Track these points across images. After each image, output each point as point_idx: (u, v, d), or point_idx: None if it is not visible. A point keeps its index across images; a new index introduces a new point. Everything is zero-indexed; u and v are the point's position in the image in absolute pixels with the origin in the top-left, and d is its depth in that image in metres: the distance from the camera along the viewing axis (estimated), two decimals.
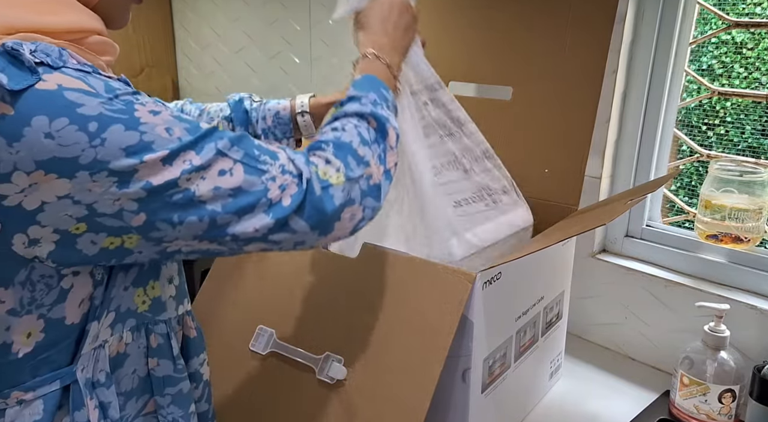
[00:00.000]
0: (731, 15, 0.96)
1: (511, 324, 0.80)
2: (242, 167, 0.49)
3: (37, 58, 0.43)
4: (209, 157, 0.48)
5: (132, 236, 0.47)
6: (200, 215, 0.47)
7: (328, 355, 0.73)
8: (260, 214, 0.49)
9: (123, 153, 0.44)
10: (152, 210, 0.46)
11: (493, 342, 0.76)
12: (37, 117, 0.42)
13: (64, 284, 0.50)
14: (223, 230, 0.49)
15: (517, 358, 0.83)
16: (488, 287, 0.71)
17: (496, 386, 0.78)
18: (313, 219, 0.51)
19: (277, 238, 0.51)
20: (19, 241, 0.45)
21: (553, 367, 0.97)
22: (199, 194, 0.47)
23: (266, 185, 0.49)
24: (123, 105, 0.45)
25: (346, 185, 0.53)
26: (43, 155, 0.42)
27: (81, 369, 0.52)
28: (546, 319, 0.90)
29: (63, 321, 0.51)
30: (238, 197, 0.48)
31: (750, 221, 0.92)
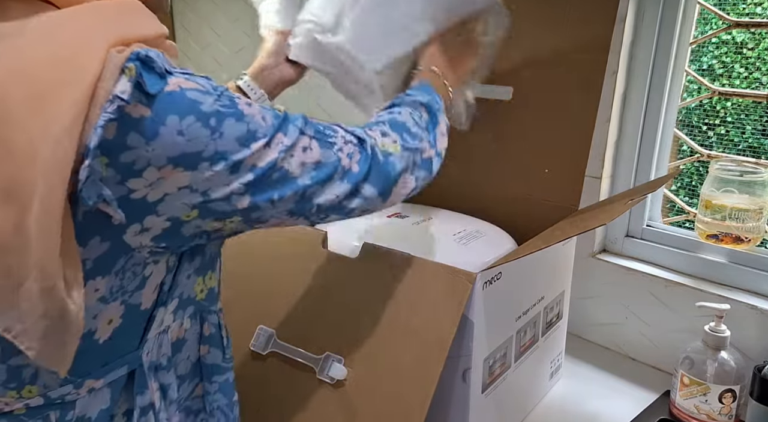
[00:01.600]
0: (732, 15, 0.96)
1: (512, 323, 0.80)
2: (317, 143, 0.54)
3: (163, 65, 0.47)
4: (294, 137, 0.53)
5: (234, 219, 0.52)
6: (294, 189, 0.52)
7: (329, 355, 0.73)
8: (338, 182, 0.55)
9: (237, 143, 0.49)
10: (257, 191, 0.50)
11: (493, 341, 0.76)
12: (171, 116, 0.46)
13: (146, 271, 0.52)
14: (310, 201, 0.54)
15: (517, 358, 0.83)
16: (488, 287, 0.71)
17: (496, 386, 0.78)
18: (379, 185, 0.58)
19: (352, 204, 0.57)
20: (132, 231, 0.48)
21: (553, 367, 0.96)
22: (291, 170, 0.52)
23: (338, 155, 0.55)
24: (228, 100, 0.50)
25: (404, 154, 0.60)
26: (175, 152, 0.46)
27: (146, 353, 0.55)
28: (546, 319, 0.90)
29: (138, 307, 0.53)
30: (319, 169, 0.54)
31: (750, 221, 0.92)
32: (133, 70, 0.45)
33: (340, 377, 0.72)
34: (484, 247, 0.85)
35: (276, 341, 0.78)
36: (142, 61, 0.46)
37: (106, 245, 0.48)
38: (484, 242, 0.86)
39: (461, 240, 0.85)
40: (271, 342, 0.78)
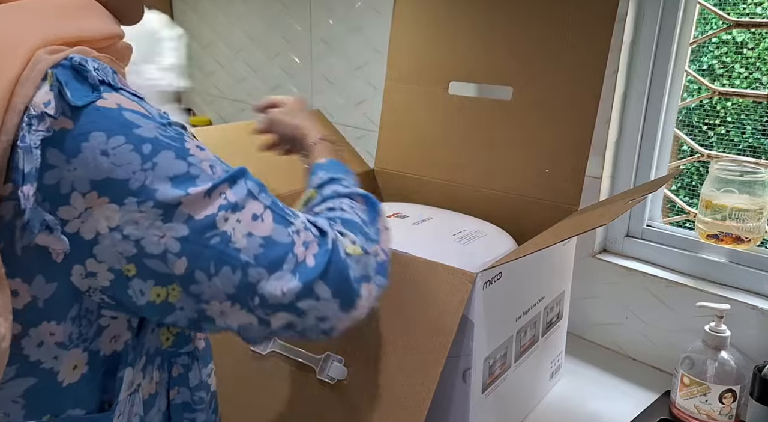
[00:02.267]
0: (732, 15, 0.96)
1: (512, 323, 0.80)
2: (271, 215, 0.48)
3: (100, 76, 0.43)
4: (242, 195, 0.47)
5: (175, 287, 0.46)
6: (233, 265, 0.46)
7: (329, 355, 0.73)
8: (288, 275, 0.47)
9: (169, 183, 0.44)
10: (193, 254, 0.45)
11: (493, 342, 0.76)
12: (96, 133, 0.42)
13: (102, 322, 0.49)
14: (253, 289, 0.47)
15: (517, 358, 0.83)
16: (489, 287, 0.71)
17: (496, 386, 0.78)
18: (335, 285, 0.50)
19: (303, 306, 0.49)
20: (77, 272, 0.45)
21: (553, 367, 0.96)
22: (234, 239, 0.46)
23: (292, 238, 0.48)
24: (175, 134, 0.46)
25: (362, 258, 0.53)
26: (98, 175, 0.42)
27: (117, 416, 0.51)
28: (546, 319, 0.90)
29: (99, 354, 0.50)
30: (268, 248, 0.47)
31: (750, 221, 0.92)
32: (52, 77, 0.41)
33: (341, 377, 0.71)
34: (484, 247, 0.85)
35: (276, 341, 0.78)
36: (75, 68, 0.43)
37: (53, 286, 0.45)
38: (484, 242, 0.86)
39: (461, 240, 0.85)
40: (271, 342, 0.78)
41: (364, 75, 1.44)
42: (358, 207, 0.59)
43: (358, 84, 1.46)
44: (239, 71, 1.82)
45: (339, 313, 0.51)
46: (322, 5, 1.50)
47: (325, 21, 1.51)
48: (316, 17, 1.53)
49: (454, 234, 0.87)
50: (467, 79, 1.02)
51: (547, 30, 0.93)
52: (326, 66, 1.54)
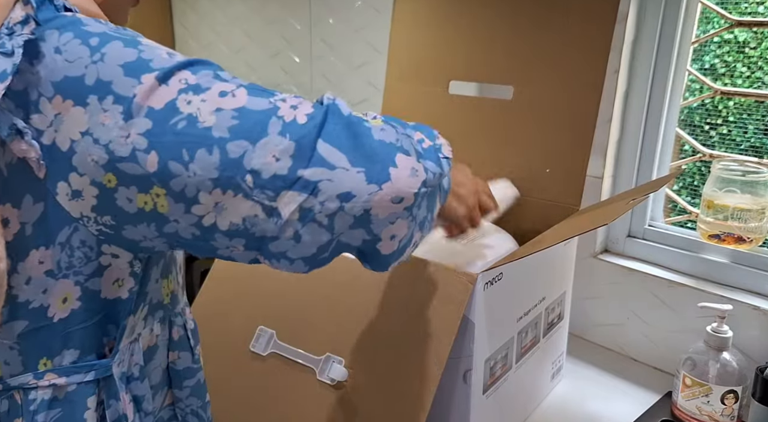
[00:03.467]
0: (734, 14, 0.96)
1: (513, 324, 0.79)
2: (245, 91, 0.44)
3: (68, 6, 0.46)
4: (206, 79, 0.44)
5: (158, 192, 0.43)
6: (207, 144, 0.41)
7: (329, 356, 0.73)
8: (276, 137, 0.41)
9: (122, 71, 0.43)
10: (161, 145, 0.42)
11: (494, 343, 0.75)
12: (50, 31, 0.44)
13: (102, 260, 0.48)
14: (239, 165, 0.41)
15: (518, 359, 0.83)
16: (489, 288, 0.71)
17: (497, 387, 0.78)
18: (348, 147, 0.42)
19: (310, 175, 0.41)
20: (63, 191, 0.44)
21: (554, 368, 0.96)
22: (201, 119, 0.42)
23: (275, 104, 0.43)
24: (129, 33, 0.46)
25: (387, 128, 0.45)
26: (56, 75, 0.43)
27: (117, 364, 0.52)
28: (548, 320, 0.89)
29: (99, 294, 0.49)
30: (243, 117, 0.42)
31: (753, 221, 0.92)
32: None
33: (341, 378, 0.71)
34: (485, 247, 0.85)
35: (276, 341, 0.77)
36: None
37: (40, 206, 0.45)
38: (484, 243, 0.86)
39: (461, 241, 0.85)
40: (272, 342, 0.77)
41: (364, 75, 1.44)
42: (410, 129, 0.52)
43: (358, 84, 1.46)
44: (239, 71, 1.82)
45: (367, 187, 0.42)
46: (322, 5, 1.50)
47: (325, 20, 1.50)
48: (316, 17, 1.52)
49: None
50: (467, 78, 1.02)
51: (548, 29, 0.93)
52: (326, 66, 1.53)
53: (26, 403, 0.48)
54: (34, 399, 0.49)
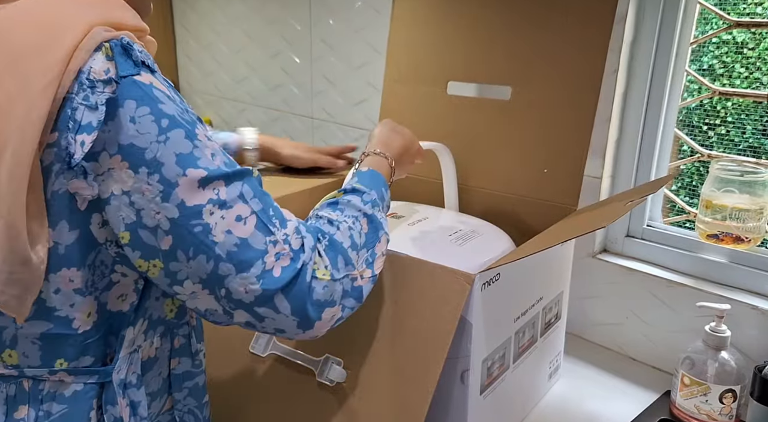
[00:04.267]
0: (732, 15, 0.96)
1: (510, 324, 0.80)
2: (255, 220, 0.53)
3: (142, 58, 0.50)
4: (233, 196, 0.52)
5: (157, 263, 0.52)
6: (208, 254, 0.51)
7: (328, 357, 0.73)
8: (253, 278, 0.52)
9: (174, 159, 0.49)
10: (178, 235, 0.50)
11: (491, 343, 0.75)
12: (128, 100, 0.48)
13: (113, 277, 0.55)
14: (221, 281, 0.52)
15: (516, 359, 0.83)
16: (487, 289, 0.71)
17: (494, 387, 0.78)
18: (296, 303, 0.54)
19: (262, 312, 0.53)
20: (96, 221, 0.51)
21: (552, 368, 0.96)
22: (214, 232, 0.51)
23: (267, 247, 0.53)
24: (190, 119, 0.52)
25: (330, 285, 0.56)
26: (125, 140, 0.48)
27: (117, 371, 0.57)
28: (545, 320, 0.90)
29: (106, 306, 0.55)
30: (241, 248, 0.52)
31: (751, 221, 0.92)
32: (108, 50, 0.48)
33: (340, 379, 0.71)
34: (481, 247, 0.85)
35: (275, 343, 0.77)
36: (123, 46, 0.49)
37: (75, 233, 0.51)
38: (480, 242, 0.86)
39: (457, 240, 0.85)
40: (271, 344, 0.78)
41: (364, 75, 1.44)
42: (359, 228, 0.63)
43: (358, 84, 1.46)
44: (239, 71, 1.82)
45: (296, 329, 0.55)
46: (322, 5, 1.50)
47: (325, 21, 1.51)
48: (316, 17, 1.53)
49: (450, 234, 0.87)
50: (466, 79, 1.02)
51: (546, 29, 0.93)
52: (326, 66, 1.54)
53: (34, 392, 0.54)
54: (42, 389, 0.54)
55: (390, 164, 0.76)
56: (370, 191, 0.67)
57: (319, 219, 0.62)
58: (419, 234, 0.88)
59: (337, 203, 0.64)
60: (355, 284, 0.60)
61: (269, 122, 1.77)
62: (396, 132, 0.82)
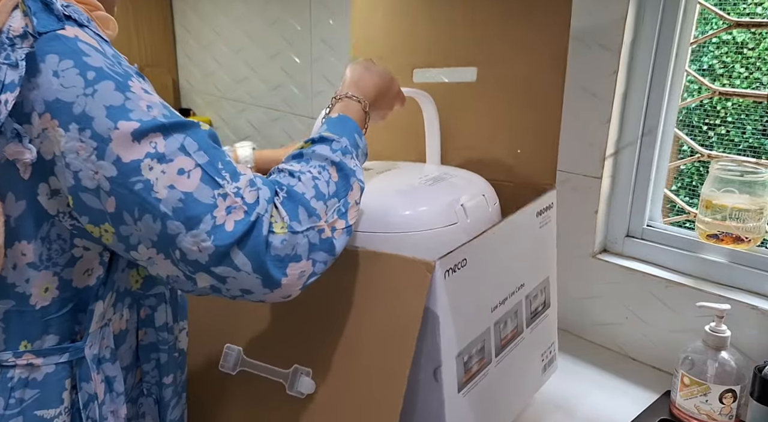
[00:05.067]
0: (732, 15, 0.96)
1: (487, 315, 0.75)
2: (200, 173, 0.49)
3: (67, 12, 0.49)
4: (173, 148, 0.49)
5: (108, 228, 0.50)
6: (154, 214, 0.48)
7: (297, 368, 0.71)
8: (203, 234, 0.48)
9: (104, 112, 0.47)
10: (120, 195, 0.48)
11: (465, 336, 0.71)
12: (50, 55, 0.47)
13: (75, 252, 0.53)
14: (173, 241, 0.49)
15: (498, 352, 0.78)
16: (452, 276, 0.66)
17: (476, 383, 0.74)
18: (254, 259, 0.50)
19: (221, 271, 0.50)
20: (43, 191, 0.50)
21: (545, 360, 0.92)
22: (156, 188, 0.48)
23: (216, 200, 0.49)
24: (122, 71, 0.49)
25: (288, 238, 0.52)
26: (50, 95, 0.47)
27: (89, 346, 0.56)
28: (530, 308, 0.85)
29: (71, 283, 0.54)
30: (187, 204, 0.48)
31: (751, 221, 0.92)
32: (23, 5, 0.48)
33: (309, 391, 0.69)
34: (454, 186, 0.80)
35: (244, 358, 0.75)
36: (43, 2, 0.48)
37: (22, 204, 0.50)
38: (453, 183, 0.81)
39: (428, 182, 0.79)
40: (239, 360, 0.75)
41: None
42: (326, 177, 0.58)
43: None
44: (239, 71, 1.82)
45: (262, 289, 0.51)
46: (322, 5, 1.50)
47: (325, 22, 1.51)
48: (316, 18, 1.53)
49: (420, 178, 0.81)
50: (431, 62, 0.99)
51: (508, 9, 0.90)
52: (326, 66, 1.54)
53: (3, 381, 0.53)
54: (12, 377, 0.53)
55: (363, 109, 0.70)
56: (339, 139, 0.62)
57: (280, 173, 0.58)
58: (389, 181, 0.81)
59: (302, 155, 0.60)
60: (323, 236, 0.55)
61: (269, 122, 1.77)
62: (370, 71, 0.74)
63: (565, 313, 1.13)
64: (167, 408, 0.67)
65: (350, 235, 0.60)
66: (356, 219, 0.61)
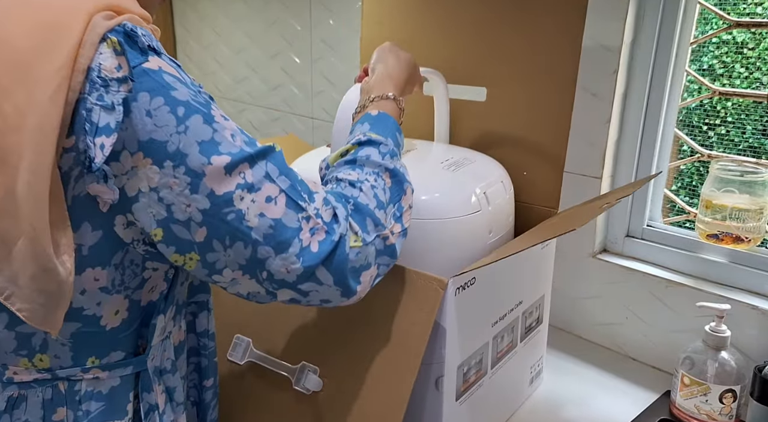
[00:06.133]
0: (732, 15, 0.96)
1: (488, 329, 0.78)
2: (285, 199, 0.51)
3: (147, 42, 0.48)
4: (259, 177, 0.50)
5: (193, 256, 0.50)
6: (245, 241, 0.50)
7: (304, 365, 0.72)
8: (293, 257, 0.51)
9: (197, 148, 0.47)
10: (212, 225, 0.49)
11: (467, 348, 0.74)
12: (141, 93, 0.46)
13: (145, 274, 0.54)
14: (262, 265, 0.51)
15: (494, 364, 0.81)
16: (462, 293, 0.69)
17: (471, 393, 0.77)
18: (337, 274, 0.53)
19: (305, 287, 0.53)
20: (120, 222, 0.50)
21: (533, 372, 0.94)
22: (247, 218, 0.49)
23: (301, 223, 0.52)
24: (204, 100, 0.50)
25: (363, 250, 0.55)
26: (144, 135, 0.46)
27: (151, 359, 0.57)
28: (525, 324, 0.88)
29: (139, 303, 0.55)
30: (276, 230, 0.51)
31: (751, 221, 0.92)
32: (116, 44, 0.46)
33: (316, 388, 0.70)
34: (474, 173, 0.81)
35: (253, 350, 0.76)
36: (127, 33, 0.47)
37: (98, 234, 0.49)
38: (473, 169, 0.82)
39: (450, 167, 0.80)
40: (248, 351, 0.76)
41: None
42: (382, 184, 0.60)
43: None
44: (239, 71, 1.82)
45: (340, 298, 0.55)
46: (322, 5, 1.50)
47: (325, 22, 1.51)
48: (316, 18, 1.53)
49: (442, 162, 0.82)
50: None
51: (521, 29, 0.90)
52: (326, 66, 1.54)
53: (71, 393, 0.53)
54: (79, 390, 0.53)
55: (399, 106, 0.71)
56: (386, 141, 0.63)
57: (339, 182, 0.59)
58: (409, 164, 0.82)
59: (354, 161, 0.61)
60: (387, 243, 0.58)
61: (269, 122, 1.77)
62: (400, 61, 0.76)
63: (565, 313, 1.13)
64: (207, 409, 0.69)
65: (406, 237, 0.62)
66: (410, 221, 0.63)
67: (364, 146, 0.62)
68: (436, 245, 0.75)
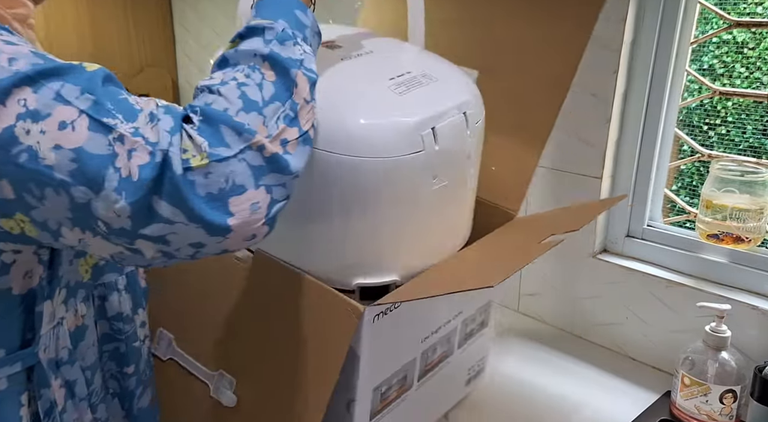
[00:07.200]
0: (732, 14, 0.96)
1: (416, 345, 0.71)
2: (87, 121, 0.40)
3: None
4: (46, 100, 0.39)
5: (22, 217, 0.41)
6: (53, 185, 0.39)
7: (222, 374, 0.69)
8: (113, 194, 0.39)
9: None
10: (10, 175, 0.39)
11: (386, 370, 0.68)
12: None
13: (5, 258, 0.46)
14: (88, 212, 0.40)
15: (421, 377, 0.75)
16: (381, 319, 0.62)
17: (391, 409, 0.71)
18: (180, 206, 0.40)
19: (154, 232, 0.40)
20: None
21: (471, 374, 0.89)
22: (42, 155, 0.39)
23: (114, 148, 0.39)
24: None
25: (214, 169, 0.41)
26: None
27: (43, 350, 0.50)
28: (465, 331, 0.81)
29: (11, 291, 0.48)
30: (81, 162, 0.39)
31: (751, 221, 0.92)
32: None
33: (230, 404, 0.67)
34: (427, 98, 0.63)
35: (174, 348, 0.73)
36: None
37: None
38: (428, 91, 0.64)
39: (398, 87, 0.63)
40: (170, 347, 0.73)
41: None
42: (258, 79, 0.46)
43: None
44: None
45: (211, 238, 0.42)
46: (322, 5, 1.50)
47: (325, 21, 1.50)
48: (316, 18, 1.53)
49: (393, 78, 0.65)
50: None
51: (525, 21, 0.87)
52: None
53: None
54: None
55: None
56: (274, 23, 0.49)
57: (198, 94, 0.46)
58: (351, 74, 0.66)
59: (226, 61, 0.48)
60: (266, 153, 0.43)
61: None
62: None
63: (565, 313, 1.13)
64: (132, 398, 0.61)
65: (310, 144, 0.48)
66: (312, 122, 0.49)
67: (243, 39, 0.48)
68: (350, 191, 0.60)
